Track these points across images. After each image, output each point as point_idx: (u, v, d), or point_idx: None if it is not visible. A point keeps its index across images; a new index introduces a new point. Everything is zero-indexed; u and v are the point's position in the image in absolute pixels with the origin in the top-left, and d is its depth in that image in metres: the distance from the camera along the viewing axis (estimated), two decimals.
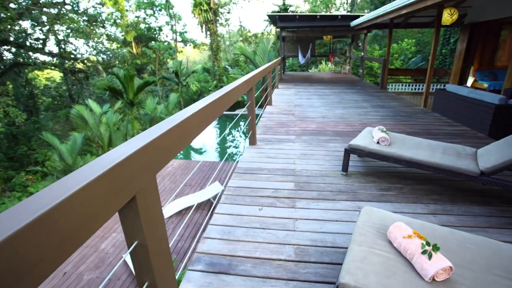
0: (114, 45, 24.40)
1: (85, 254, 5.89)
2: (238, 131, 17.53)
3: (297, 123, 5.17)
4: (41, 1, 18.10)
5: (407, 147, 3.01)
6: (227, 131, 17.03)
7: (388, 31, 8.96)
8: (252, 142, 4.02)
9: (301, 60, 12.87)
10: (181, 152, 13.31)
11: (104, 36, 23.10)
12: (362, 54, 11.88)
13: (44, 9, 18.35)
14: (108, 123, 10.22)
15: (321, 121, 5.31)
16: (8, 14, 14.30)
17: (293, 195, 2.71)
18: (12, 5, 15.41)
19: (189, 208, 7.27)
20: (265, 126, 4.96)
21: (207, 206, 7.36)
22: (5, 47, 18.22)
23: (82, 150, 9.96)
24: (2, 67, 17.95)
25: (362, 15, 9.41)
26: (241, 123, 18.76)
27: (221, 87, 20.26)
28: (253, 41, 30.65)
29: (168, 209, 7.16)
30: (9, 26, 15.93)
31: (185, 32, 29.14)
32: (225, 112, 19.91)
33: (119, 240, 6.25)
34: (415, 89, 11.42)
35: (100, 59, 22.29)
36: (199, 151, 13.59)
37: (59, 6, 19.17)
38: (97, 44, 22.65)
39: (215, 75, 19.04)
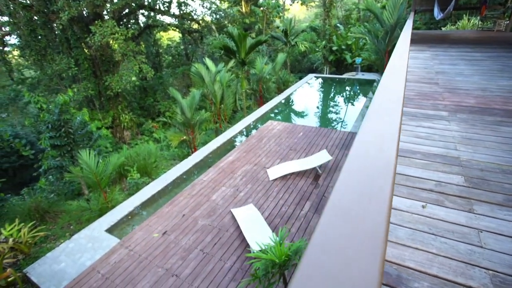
0: (225, 5, 25.15)
1: (200, 201, 6.56)
2: (343, 96, 16.26)
3: (446, 96, 4.12)
4: None
5: None
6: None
7: None
8: None
9: (437, 15, 10.38)
10: (280, 114, 13.23)
11: None
12: None
13: None
14: (222, 81, 10.81)
15: (481, 95, 4.09)
16: None
17: (467, 194, 2.06)
18: None
19: (293, 173, 7.19)
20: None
21: (312, 174, 7.12)
22: (142, 11, 20.96)
23: (198, 105, 10.89)
24: (138, 29, 20.90)
25: None
26: (347, 88, 17.31)
27: (330, 48, 18.80)
28: None
29: (273, 172, 7.25)
30: None
31: None
32: (331, 75, 18.69)
33: (227, 194, 6.71)
34: None
35: (213, 19, 23.46)
36: (300, 115, 13.24)
37: None
38: (211, 5, 23.79)
39: (324, 34, 17.59)
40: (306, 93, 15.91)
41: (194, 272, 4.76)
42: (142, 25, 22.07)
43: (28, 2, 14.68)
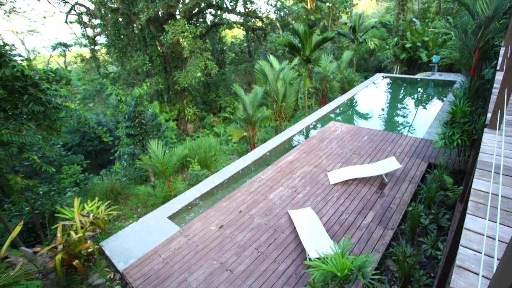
0: (290, 2, 24.86)
1: (257, 199, 6.54)
2: (414, 98, 14.77)
3: None
4: None
5: None
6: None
7: None
8: (493, 125, 2.79)
9: None
10: (342, 115, 12.55)
11: None
12: None
13: None
14: (285, 79, 10.68)
15: None
16: None
17: None
18: None
19: (355, 179, 6.72)
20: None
21: (377, 182, 6.56)
22: (210, 10, 21.93)
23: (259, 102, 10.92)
24: (206, 27, 21.94)
25: None
26: (420, 89, 15.67)
27: (403, 45, 17.21)
28: None
29: (334, 176, 6.87)
30: None
31: None
32: (402, 75, 17.14)
33: (285, 195, 6.57)
34: None
35: (277, 16, 23.40)
36: (364, 117, 12.38)
37: None
38: (276, 2, 23.73)
39: (397, 30, 16.09)
40: (372, 94, 14.85)
41: (247, 270, 4.75)
42: (209, 23, 23.10)
43: (115, 6, 16.49)
